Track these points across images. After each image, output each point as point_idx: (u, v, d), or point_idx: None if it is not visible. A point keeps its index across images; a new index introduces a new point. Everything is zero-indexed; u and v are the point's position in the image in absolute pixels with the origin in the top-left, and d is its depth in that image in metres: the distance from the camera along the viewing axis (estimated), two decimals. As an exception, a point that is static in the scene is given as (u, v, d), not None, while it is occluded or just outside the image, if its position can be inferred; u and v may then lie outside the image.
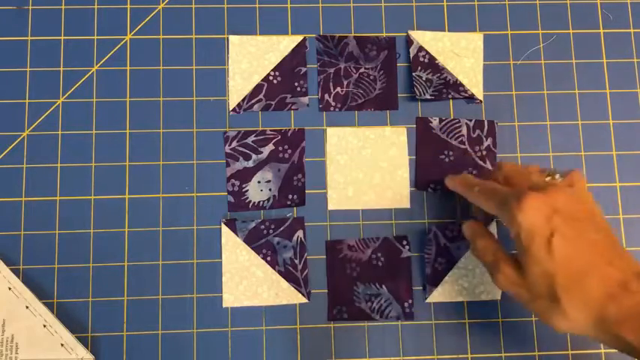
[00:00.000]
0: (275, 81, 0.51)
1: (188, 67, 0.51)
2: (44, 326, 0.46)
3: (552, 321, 0.35)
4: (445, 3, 0.54)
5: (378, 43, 0.52)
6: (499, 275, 0.38)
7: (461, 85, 0.52)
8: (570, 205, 0.35)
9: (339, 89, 0.52)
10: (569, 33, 0.54)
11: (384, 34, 0.53)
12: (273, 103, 0.51)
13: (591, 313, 0.33)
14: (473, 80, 0.52)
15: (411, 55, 0.52)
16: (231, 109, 0.51)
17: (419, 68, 0.52)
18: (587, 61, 0.53)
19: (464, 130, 0.51)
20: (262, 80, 0.51)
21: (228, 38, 0.52)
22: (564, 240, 0.34)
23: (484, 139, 0.51)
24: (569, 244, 0.34)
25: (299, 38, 0.52)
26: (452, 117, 0.52)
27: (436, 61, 0.52)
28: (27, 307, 0.46)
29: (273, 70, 0.51)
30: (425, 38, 0.52)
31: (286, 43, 0.52)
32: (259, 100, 0.51)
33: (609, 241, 0.35)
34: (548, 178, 0.40)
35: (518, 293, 0.37)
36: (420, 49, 0.52)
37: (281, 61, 0.51)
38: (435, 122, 0.51)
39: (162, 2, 0.52)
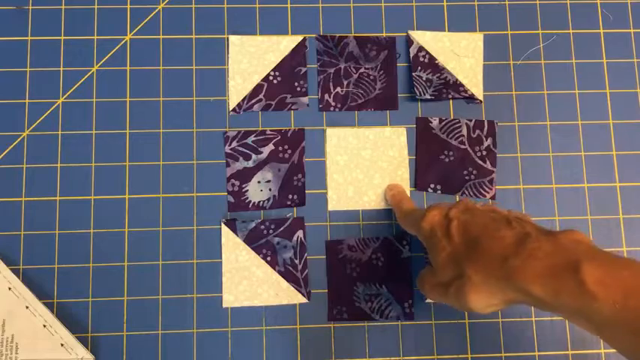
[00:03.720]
0: (275, 81, 0.51)
1: (188, 67, 0.51)
2: (44, 326, 0.46)
3: (466, 299, 0.35)
4: (445, 3, 0.54)
5: (378, 43, 0.52)
6: (424, 287, 0.40)
7: (461, 85, 0.52)
8: (463, 206, 0.39)
9: (339, 89, 0.52)
10: (569, 33, 0.54)
11: (384, 34, 0.53)
12: (273, 103, 0.51)
13: (496, 274, 0.33)
14: (473, 80, 0.52)
15: (411, 55, 0.52)
16: (231, 109, 0.51)
17: (419, 68, 0.52)
18: (587, 61, 0.53)
19: (464, 130, 0.51)
20: (262, 80, 0.51)
21: (228, 38, 0.52)
22: (459, 222, 0.37)
23: (484, 139, 0.51)
24: (464, 223, 0.37)
25: (299, 38, 0.52)
26: (452, 117, 0.52)
27: (436, 61, 0.52)
28: (27, 307, 0.46)
29: (273, 70, 0.51)
30: (425, 38, 0.52)
31: (286, 43, 0.52)
32: (259, 100, 0.51)
33: (500, 218, 0.37)
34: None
35: (437, 292, 0.38)
36: (420, 49, 0.52)
37: (281, 61, 0.51)
38: (435, 122, 0.51)
39: (162, 2, 0.52)
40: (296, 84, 0.51)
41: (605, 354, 0.49)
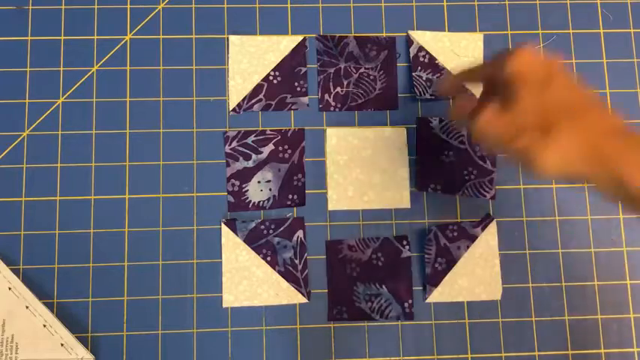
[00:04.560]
0: (275, 81, 0.51)
1: (188, 67, 0.51)
2: (44, 326, 0.46)
3: (539, 155, 0.33)
4: (445, 3, 0.54)
5: (378, 43, 0.52)
6: (481, 117, 0.36)
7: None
8: (551, 58, 0.36)
9: (339, 89, 0.52)
10: (569, 33, 0.54)
11: (384, 34, 0.53)
12: (273, 103, 0.51)
13: (588, 144, 0.33)
14: (473, 80, 0.52)
15: (411, 55, 0.52)
16: (231, 109, 0.51)
17: (419, 68, 0.52)
18: (587, 61, 0.53)
19: (464, 130, 0.51)
20: (262, 80, 0.51)
21: (228, 38, 0.52)
22: (564, 79, 0.35)
23: (484, 139, 0.51)
24: (566, 85, 0.35)
25: (299, 38, 0.52)
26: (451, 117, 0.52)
27: (436, 61, 0.52)
28: (27, 307, 0.46)
29: (273, 70, 0.51)
30: (425, 38, 0.52)
31: (286, 43, 0.52)
32: (259, 100, 0.51)
33: (598, 99, 0.36)
34: None
35: (501, 130, 0.35)
36: (420, 49, 0.52)
37: (281, 61, 0.51)
38: (435, 122, 0.51)
39: (162, 2, 0.52)
40: (296, 84, 0.51)
41: (605, 354, 0.49)
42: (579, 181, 0.34)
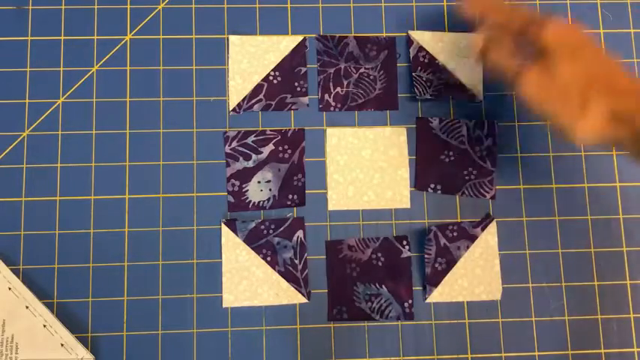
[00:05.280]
0: (275, 81, 0.51)
1: (188, 67, 0.51)
2: (44, 326, 0.46)
3: (580, 124, 0.37)
4: (445, 3, 0.53)
5: (378, 43, 0.52)
6: (530, 78, 0.39)
7: (461, 85, 0.52)
8: (580, 28, 0.40)
9: (339, 89, 0.52)
10: (569, 33, 0.54)
11: (384, 34, 0.53)
12: (273, 103, 0.51)
13: (618, 110, 0.37)
14: (473, 80, 0.52)
15: (411, 55, 0.52)
16: (231, 109, 0.51)
17: (419, 68, 0.52)
18: (587, 61, 0.53)
19: (464, 130, 0.51)
20: (262, 80, 0.51)
21: (228, 38, 0.52)
22: (586, 50, 0.39)
23: (484, 139, 0.51)
24: (596, 55, 0.39)
25: (299, 38, 0.52)
26: (452, 117, 0.52)
27: (436, 61, 0.52)
28: (27, 307, 0.46)
29: (273, 70, 0.51)
30: (425, 38, 0.52)
31: (286, 43, 0.52)
32: (259, 100, 0.51)
33: (621, 69, 0.39)
34: None
35: (547, 95, 0.39)
36: (420, 49, 0.52)
37: (281, 61, 0.51)
38: (435, 122, 0.51)
39: (163, 2, 0.52)
40: (296, 84, 0.51)
41: (605, 354, 0.49)
42: (612, 146, 0.39)
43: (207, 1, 0.52)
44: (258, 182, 0.50)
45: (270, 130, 0.51)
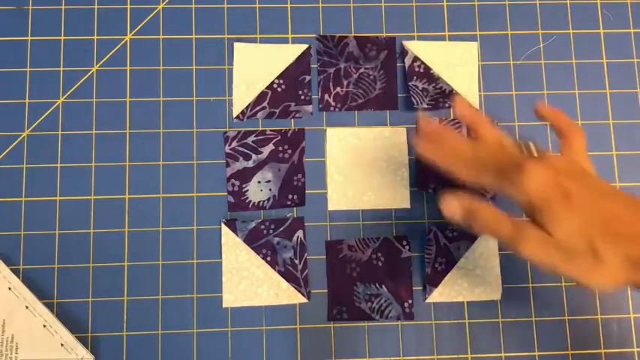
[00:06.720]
0: (279, 89, 0.51)
1: (188, 67, 0.51)
2: (44, 326, 0.46)
3: (595, 278, 0.33)
4: (445, 3, 0.54)
5: (378, 43, 0.52)
6: (527, 241, 0.34)
7: (457, 94, 0.52)
8: (566, 166, 0.36)
9: (339, 89, 0.52)
10: (569, 33, 0.54)
11: (384, 34, 0.53)
12: (277, 111, 0.51)
13: (635, 257, 0.32)
14: (468, 89, 0.52)
15: (406, 66, 0.52)
16: (234, 116, 0.51)
17: (414, 78, 0.52)
18: (587, 61, 0.53)
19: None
20: (266, 88, 0.51)
21: (227, 39, 0.52)
22: (578, 196, 0.33)
23: (484, 139, 0.51)
24: (584, 198, 0.34)
25: (304, 47, 0.52)
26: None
27: (431, 71, 0.52)
28: (27, 307, 0.46)
29: (278, 78, 0.51)
30: (419, 48, 0.52)
31: (291, 51, 0.52)
32: (263, 108, 0.51)
33: (612, 190, 0.35)
34: (525, 152, 0.39)
35: (551, 257, 0.34)
36: (415, 59, 0.52)
37: (285, 69, 0.51)
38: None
39: (162, 2, 0.52)
40: (300, 92, 0.51)
41: (605, 354, 0.49)
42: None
43: (207, 1, 0.52)
44: (258, 182, 0.50)
45: (270, 130, 0.51)
